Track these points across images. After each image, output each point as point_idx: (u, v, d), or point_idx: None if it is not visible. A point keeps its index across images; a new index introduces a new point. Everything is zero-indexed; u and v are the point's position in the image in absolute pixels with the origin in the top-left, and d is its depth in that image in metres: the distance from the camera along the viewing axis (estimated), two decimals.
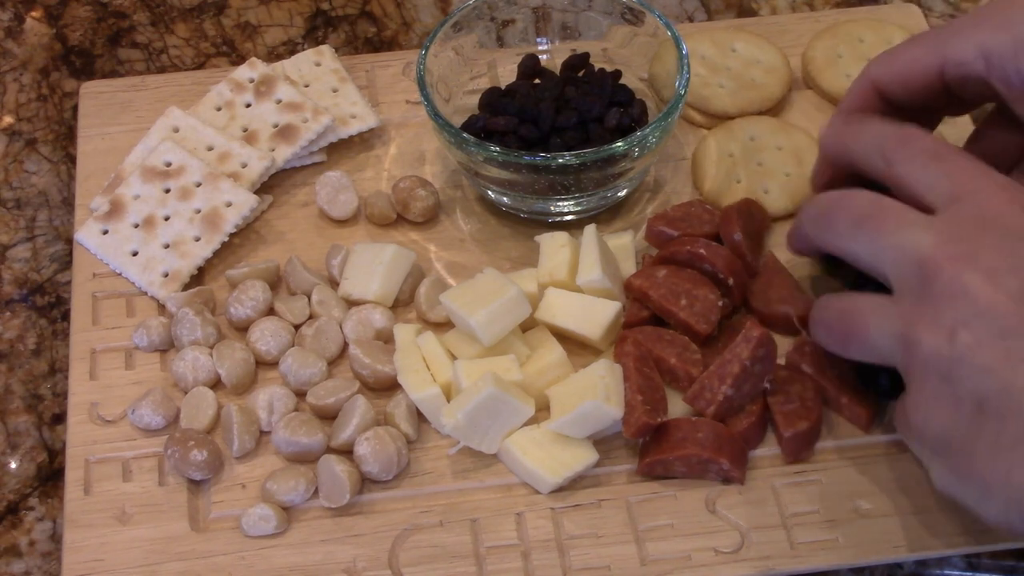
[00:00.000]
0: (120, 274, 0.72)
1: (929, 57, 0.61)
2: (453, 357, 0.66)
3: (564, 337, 0.67)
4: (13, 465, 0.68)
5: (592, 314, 0.66)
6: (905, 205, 0.56)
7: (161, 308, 0.71)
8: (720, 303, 0.67)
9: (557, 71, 0.76)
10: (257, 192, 0.74)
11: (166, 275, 0.71)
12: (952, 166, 0.57)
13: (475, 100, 0.76)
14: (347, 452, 0.64)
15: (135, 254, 0.72)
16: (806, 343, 0.66)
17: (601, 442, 0.64)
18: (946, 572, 0.63)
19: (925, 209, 0.56)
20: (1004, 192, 0.55)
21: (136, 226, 0.73)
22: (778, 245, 0.71)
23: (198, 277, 0.72)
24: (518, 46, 0.79)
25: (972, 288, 0.52)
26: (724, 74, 0.79)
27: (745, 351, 0.63)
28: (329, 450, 0.64)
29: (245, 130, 0.77)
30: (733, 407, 0.64)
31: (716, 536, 0.62)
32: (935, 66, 0.61)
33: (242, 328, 0.69)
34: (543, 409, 0.65)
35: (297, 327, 0.69)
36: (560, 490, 0.63)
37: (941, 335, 0.52)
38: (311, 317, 0.70)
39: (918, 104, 0.63)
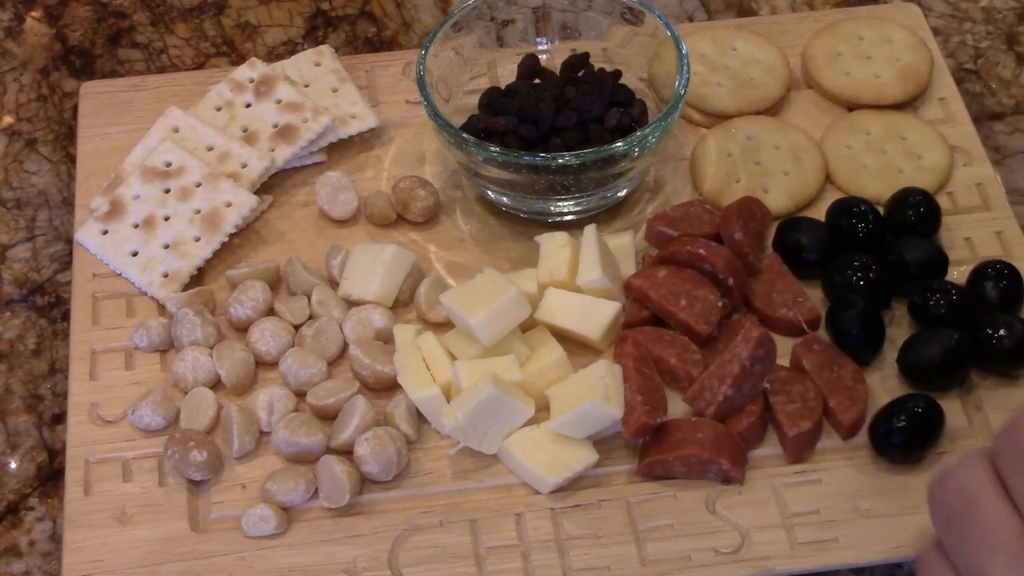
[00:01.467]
0: (120, 274, 0.72)
1: None
2: (453, 357, 0.66)
3: (564, 337, 0.67)
4: (13, 465, 0.68)
5: (592, 314, 0.66)
6: (1006, 509, 0.46)
7: (161, 308, 0.71)
8: (720, 303, 0.67)
9: (557, 71, 0.76)
10: (257, 192, 0.74)
11: (166, 275, 0.71)
12: None
13: (475, 100, 0.76)
14: (347, 452, 0.64)
15: (135, 254, 0.72)
16: (814, 340, 0.66)
17: (601, 442, 0.64)
18: None
19: None
20: None
21: (136, 226, 0.73)
22: None
23: (198, 277, 0.72)
24: (518, 46, 0.78)
25: None
26: (723, 73, 0.79)
27: (745, 351, 0.63)
28: (329, 450, 0.64)
29: (245, 130, 0.76)
30: (733, 407, 0.64)
31: (716, 536, 0.61)
32: None
33: (242, 328, 0.69)
34: (543, 409, 0.65)
35: (297, 327, 0.69)
36: (560, 490, 0.63)
37: None
38: (311, 317, 0.70)
39: None
